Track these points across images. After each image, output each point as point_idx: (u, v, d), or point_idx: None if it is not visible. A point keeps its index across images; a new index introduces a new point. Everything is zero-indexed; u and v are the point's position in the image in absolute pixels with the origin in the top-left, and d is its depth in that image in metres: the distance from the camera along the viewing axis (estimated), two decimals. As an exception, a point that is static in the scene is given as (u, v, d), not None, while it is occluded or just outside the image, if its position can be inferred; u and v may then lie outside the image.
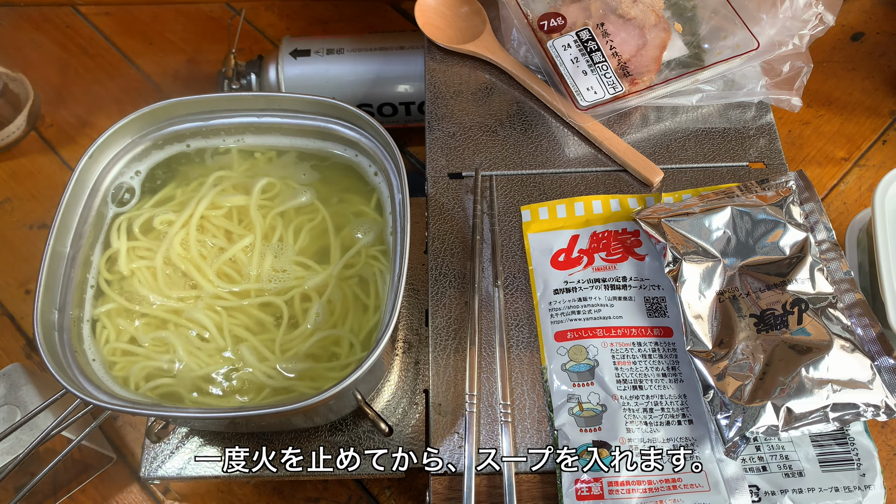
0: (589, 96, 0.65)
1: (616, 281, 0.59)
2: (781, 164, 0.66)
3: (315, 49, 0.83)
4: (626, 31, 0.66)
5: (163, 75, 0.96)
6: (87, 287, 0.58)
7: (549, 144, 0.67)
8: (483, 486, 0.53)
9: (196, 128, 0.64)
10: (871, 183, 0.80)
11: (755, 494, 0.50)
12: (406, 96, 0.83)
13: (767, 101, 0.69)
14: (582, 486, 0.51)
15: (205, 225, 0.61)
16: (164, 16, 1.00)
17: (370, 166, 0.63)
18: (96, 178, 0.60)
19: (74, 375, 0.52)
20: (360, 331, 0.58)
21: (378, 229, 0.61)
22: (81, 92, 0.94)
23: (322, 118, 0.63)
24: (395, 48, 0.83)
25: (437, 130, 0.69)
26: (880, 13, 0.91)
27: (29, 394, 0.62)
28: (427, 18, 0.73)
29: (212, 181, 0.63)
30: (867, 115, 0.84)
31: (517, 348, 0.58)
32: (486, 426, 0.55)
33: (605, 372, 0.55)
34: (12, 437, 0.59)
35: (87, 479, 0.68)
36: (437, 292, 0.61)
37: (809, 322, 0.53)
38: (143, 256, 0.60)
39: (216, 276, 0.59)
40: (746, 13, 0.67)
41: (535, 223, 0.63)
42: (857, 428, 0.52)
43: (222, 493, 0.68)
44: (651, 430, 0.53)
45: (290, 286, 0.59)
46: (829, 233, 0.58)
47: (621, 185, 0.65)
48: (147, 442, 0.60)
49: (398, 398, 0.62)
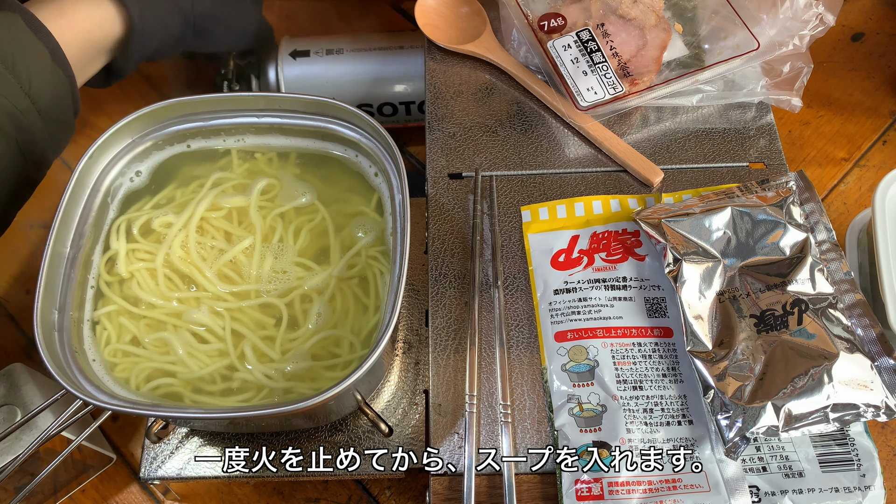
0: (589, 96, 0.65)
1: (616, 281, 0.59)
2: (782, 165, 0.66)
3: (314, 50, 0.83)
4: (626, 32, 0.66)
5: (163, 75, 0.96)
6: (88, 288, 0.58)
7: (550, 145, 0.67)
8: (483, 487, 0.53)
9: (196, 128, 0.64)
10: (872, 183, 0.80)
11: (755, 495, 0.50)
12: (406, 96, 0.83)
13: (768, 102, 0.69)
14: (582, 486, 0.51)
15: (204, 226, 0.61)
16: (164, 16, 1.00)
17: (370, 167, 0.63)
18: (96, 179, 0.60)
19: (74, 376, 0.52)
20: (360, 331, 0.58)
21: (378, 230, 0.61)
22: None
23: (322, 118, 0.63)
24: (394, 48, 0.83)
25: (437, 131, 0.69)
26: (880, 13, 0.91)
27: (29, 394, 0.62)
28: (427, 18, 0.73)
29: (211, 182, 0.63)
30: (867, 116, 0.84)
31: (517, 348, 0.58)
32: (486, 426, 0.55)
33: (606, 372, 0.55)
34: (12, 437, 0.59)
35: (87, 479, 0.68)
36: (437, 292, 0.61)
37: (809, 322, 0.53)
38: (143, 259, 0.59)
39: (216, 278, 0.59)
40: (746, 13, 0.67)
41: (536, 223, 0.63)
42: (858, 428, 0.52)
43: (222, 493, 0.68)
44: (651, 431, 0.53)
45: (290, 287, 0.59)
46: (829, 233, 0.58)
47: (621, 185, 0.65)
48: (147, 442, 0.60)
49: (398, 398, 0.62)
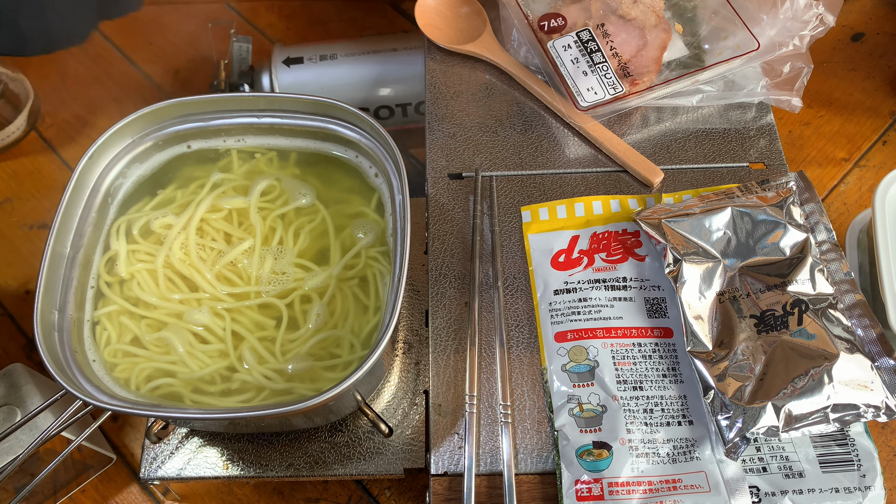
0: (589, 97, 0.65)
1: (616, 281, 0.59)
2: (782, 165, 0.66)
3: (308, 56, 0.83)
4: (626, 32, 0.66)
5: (163, 75, 0.96)
6: (88, 288, 0.58)
7: (550, 145, 0.67)
8: (483, 487, 0.53)
9: (196, 128, 0.63)
10: (872, 183, 0.80)
11: (755, 495, 0.50)
12: (402, 98, 0.83)
13: (768, 102, 0.69)
14: (582, 486, 0.51)
15: (204, 228, 0.61)
16: (164, 16, 1.00)
17: (371, 167, 0.63)
18: (96, 179, 0.60)
19: (74, 376, 0.52)
20: (360, 331, 0.58)
21: (378, 230, 0.61)
22: (81, 92, 0.94)
23: (322, 119, 0.63)
24: (388, 50, 0.83)
25: (438, 131, 0.69)
26: (880, 13, 0.91)
27: (29, 394, 0.62)
28: (427, 19, 0.73)
29: (212, 184, 0.63)
30: (867, 116, 0.84)
31: (517, 349, 0.58)
32: (486, 427, 0.55)
33: (606, 373, 0.55)
34: (12, 437, 0.59)
35: (87, 479, 0.68)
36: (437, 293, 0.61)
37: (810, 323, 0.53)
38: (143, 260, 0.60)
39: (216, 280, 0.59)
40: (747, 14, 0.67)
41: (536, 224, 0.63)
42: (858, 429, 0.52)
43: (222, 493, 0.68)
44: (651, 431, 0.53)
45: (290, 288, 0.59)
46: (829, 233, 0.58)
47: (621, 185, 0.65)
48: (147, 442, 0.60)
49: (398, 399, 0.62)
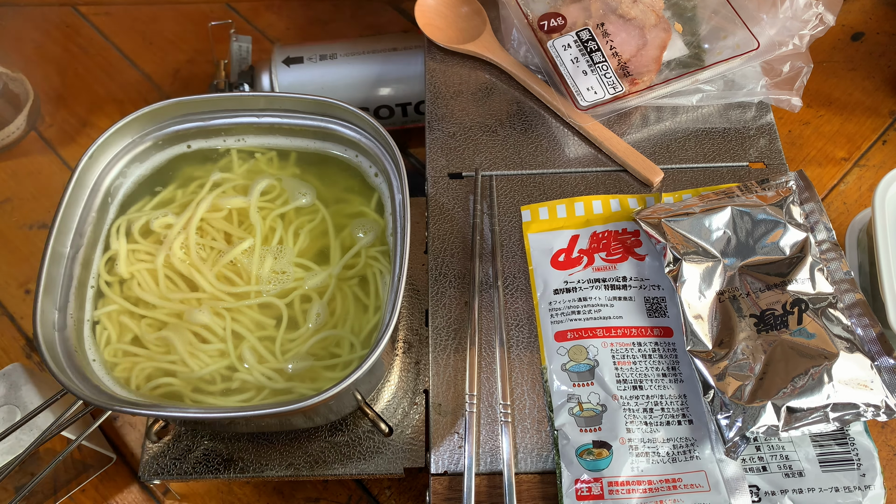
0: (589, 96, 0.65)
1: (616, 281, 0.59)
2: (781, 164, 0.66)
3: (308, 56, 0.83)
4: (626, 32, 0.66)
5: (163, 75, 0.96)
6: (88, 288, 0.58)
7: (549, 144, 0.67)
8: (483, 487, 0.53)
9: (196, 128, 0.64)
10: (872, 183, 0.80)
11: (755, 494, 0.50)
12: (402, 98, 0.83)
13: (767, 102, 0.69)
14: (582, 486, 0.51)
15: (204, 227, 0.61)
16: (163, 16, 1.00)
17: (370, 167, 0.63)
18: (96, 179, 0.60)
19: (74, 376, 0.52)
20: (360, 331, 0.58)
21: (378, 230, 0.61)
22: (81, 92, 0.94)
23: (322, 118, 0.63)
24: (387, 50, 0.83)
25: (437, 130, 0.69)
26: (880, 13, 0.91)
27: (29, 394, 0.62)
28: (427, 18, 0.73)
29: (211, 183, 0.63)
30: (867, 115, 0.84)
31: (517, 348, 0.58)
32: (486, 426, 0.55)
33: (605, 372, 0.55)
34: (12, 437, 0.59)
35: (87, 479, 0.68)
36: (437, 292, 0.61)
37: (809, 322, 0.53)
38: (143, 259, 0.60)
39: (216, 279, 0.59)
40: (746, 13, 0.67)
41: (536, 223, 0.63)
42: (858, 428, 0.52)
43: (222, 492, 0.68)
44: (651, 430, 0.53)
45: (290, 288, 0.59)
46: (829, 233, 0.58)
47: (621, 185, 0.65)
48: (147, 442, 0.60)
49: (398, 398, 0.62)
